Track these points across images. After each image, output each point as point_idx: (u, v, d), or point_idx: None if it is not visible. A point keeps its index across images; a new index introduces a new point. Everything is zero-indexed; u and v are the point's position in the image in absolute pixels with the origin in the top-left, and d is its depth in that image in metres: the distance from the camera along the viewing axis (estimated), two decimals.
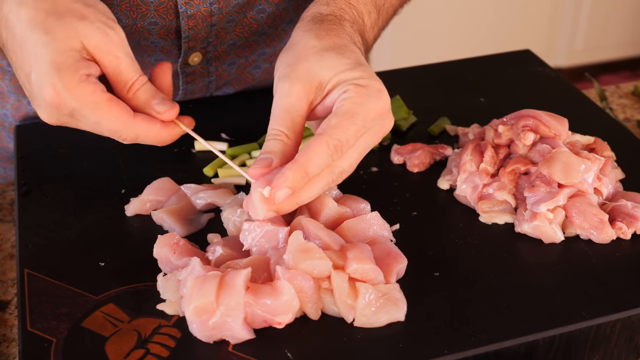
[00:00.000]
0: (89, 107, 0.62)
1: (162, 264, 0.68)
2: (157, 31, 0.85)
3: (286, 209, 0.64)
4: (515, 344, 0.62)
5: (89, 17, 0.63)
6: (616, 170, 0.79)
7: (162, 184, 0.77)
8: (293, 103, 0.64)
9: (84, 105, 0.62)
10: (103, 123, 0.63)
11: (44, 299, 0.66)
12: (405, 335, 0.62)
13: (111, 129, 0.64)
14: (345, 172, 0.64)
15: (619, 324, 0.65)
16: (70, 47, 0.62)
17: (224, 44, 0.91)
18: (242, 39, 0.92)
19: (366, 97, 0.63)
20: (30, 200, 0.78)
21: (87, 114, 0.63)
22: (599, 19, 2.98)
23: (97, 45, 0.63)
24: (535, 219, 0.71)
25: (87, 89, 0.62)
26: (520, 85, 0.99)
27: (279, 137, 0.64)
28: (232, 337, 0.61)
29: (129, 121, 0.64)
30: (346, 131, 0.62)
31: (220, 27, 0.88)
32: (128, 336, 0.62)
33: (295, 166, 0.61)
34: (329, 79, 0.65)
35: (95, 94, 0.62)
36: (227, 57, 0.94)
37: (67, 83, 0.61)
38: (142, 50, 0.88)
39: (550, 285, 0.67)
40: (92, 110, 0.63)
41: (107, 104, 0.63)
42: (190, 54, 0.89)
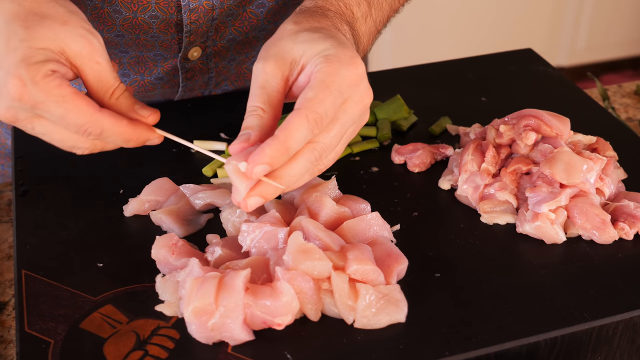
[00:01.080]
0: (54, 99, 0.62)
1: (160, 265, 0.68)
2: (158, 25, 0.85)
3: (269, 192, 0.63)
4: (516, 346, 0.62)
5: (71, 23, 0.64)
6: (618, 170, 0.79)
7: (161, 184, 0.77)
8: (267, 79, 0.64)
9: (49, 98, 0.62)
10: (68, 116, 0.63)
11: (41, 300, 0.66)
12: (406, 337, 0.62)
13: (77, 123, 0.63)
14: (327, 147, 0.63)
15: (621, 326, 0.65)
16: (45, 46, 0.62)
17: (223, 38, 0.91)
18: (242, 34, 0.92)
19: (337, 65, 0.63)
20: (27, 200, 0.78)
21: (51, 108, 0.62)
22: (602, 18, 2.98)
23: (79, 51, 0.64)
24: (537, 220, 0.71)
25: (54, 82, 0.62)
26: (522, 84, 0.99)
27: (255, 112, 0.63)
28: (231, 338, 0.61)
29: (95, 114, 0.63)
30: (323, 102, 0.61)
31: (220, 22, 0.89)
32: (126, 337, 0.62)
33: (274, 142, 0.60)
34: (302, 54, 0.64)
35: (62, 88, 0.62)
36: (226, 53, 0.94)
37: (34, 76, 0.61)
38: (142, 45, 0.88)
39: (552, 286, 0.67)
40: (57, 103, 0.62)
41: (72, 96, 0.63)
42: (190, 49, 0.90)
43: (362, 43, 0.76)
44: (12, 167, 0.83)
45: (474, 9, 2.82)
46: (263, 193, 0.63)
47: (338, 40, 0.65)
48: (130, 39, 0.87)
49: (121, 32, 0.85)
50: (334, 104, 0.62)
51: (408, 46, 2.77)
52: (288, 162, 0.62)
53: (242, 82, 0.99)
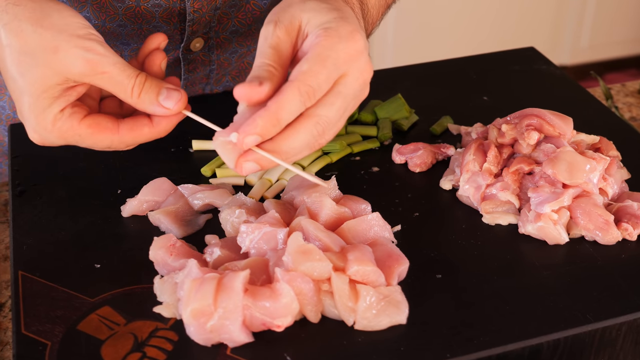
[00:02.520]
0: (73, 139, 0.66)
1: (158, 266, 0.68)
2: (161, 14, 0.85)
3: (265, 161, 0.62)
4: (518, 348, 0.62)
5: (61, 47, 0.63)
6: (622, 170, 0.79)
7: (159, 185, 0.77)
8: (278, 42, 0.64)
9: (68, 139, 0.66)
10: (93, 145, 0.67)
11: (38, 302, 0.66)
12: (407, 339, 0.62)
13: (102, 146, 0.68)
14: (330, 121, 0.63)
15: (624, 327, 0.65)
16: (45, 87, 0.63)
17: (226, 30, 0.92)
18: (245, 26, 0.93)
19: (336, 39, 0.62)
20: (24, 200, 0.78)
21: (75, 143, 0.67)
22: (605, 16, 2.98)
23: (80, 72, 0.64)
24: (539, 220, 0.71)
25: (64, 126, 0.65)
26: (524, 83, 0.99)
27: (266, 67, 0.63)
28: (230, 340, 0.61)
29: (114, 137, 0.67)
30: (317, 76, 0.61)
31: (223, 12, 0.89)
32: (124, 339, 0.62)
33: (265, 113, 0.60)
34: (307, 22, 0.64)
35: (73, 128, 0.65)
36: (228, 45, 0.94)
37: (45, 126, 0.65)
38: (144, 35, 0.88)
39: (554, 287, 0.67)
40: (77, 140, 0.66)
41: (88, 130, 0.66)
42: (193, 39, 0.90)
43: (370, 16, 0.75)
44: (8, 167, 0.83)
45: (475, 7, 2.82)
46: (259, 160, 0.62)
47: (342, 13, 0.65)
48: (133, 29, 0.87)
49: (124, 21, 0.85)
50: (329, 78, 0.62)
51: (409, 45, 2.77)
52: (290, 135, 0.62)
53: (242, 78, 0.99)
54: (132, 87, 0.65)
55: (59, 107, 0.64)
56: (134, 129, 0.67)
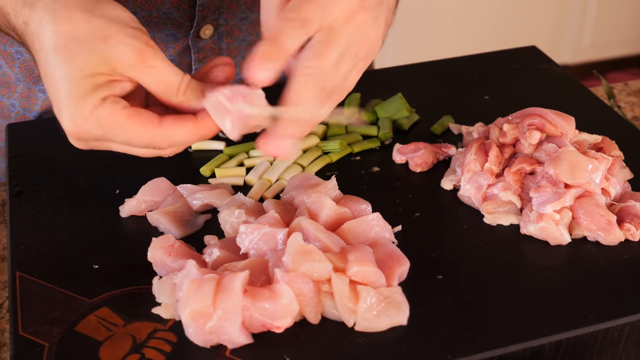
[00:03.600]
0: (111, 129, 0.62)
1: (157, 267, 0.68)
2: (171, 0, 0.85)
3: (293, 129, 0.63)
4: (520, 349, 0.62)
5: (113, 35, 0.61)
6: (624, 170, 0.79)
7: (158, 185, 0.77)
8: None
9: (106, 129, 0.62)
10: (132, 140, 0.63)
11: (36, 303, 0.66)
12: (408, 340, 0.62)
13: (141, 143, 0.63)
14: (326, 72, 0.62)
15: (627, 328, 0.65)
16: (91, 73, 0.61)
17: (235, 17, 0.92)
18: (254, 12, 0.93)
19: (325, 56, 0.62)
20: (22, 201, 0.78)
21: (112, 136, 0.62)
22: (607, 15, 2.98)
23: (130, 63, 0.62)
24: (541, 220, 0.71)
25: (104, 112, 0.61)
26: (525, 82, 0.99)
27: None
28: (229, 341, 0.61)
29: (156, 130, 0.62)
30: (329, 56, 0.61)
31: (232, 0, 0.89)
32: (123, 341, 0.62)
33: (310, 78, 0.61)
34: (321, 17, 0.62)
35: (114, 115, 0.61)
36: (238, 32, 0.95)
37: (83, 113, 0.61)
38: (153, 24, 0.88)
39: (556, 288, 0.67)
40: (115, 131, 0.62)
41: (128, 121, 0.62)
42: (202, 26, 0.90)
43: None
44: (6, 167, 0.83)
45: (477, 5, 2.82)
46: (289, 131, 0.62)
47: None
48: (143, 16, 0.87)
49: (134, 8, 0.85)
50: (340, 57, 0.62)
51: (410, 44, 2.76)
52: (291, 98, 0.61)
53: None
54: (179, 85, 0.63)
55: (101, 94, 0.61)
56: (177, 123, 0.63)
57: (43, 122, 0.91)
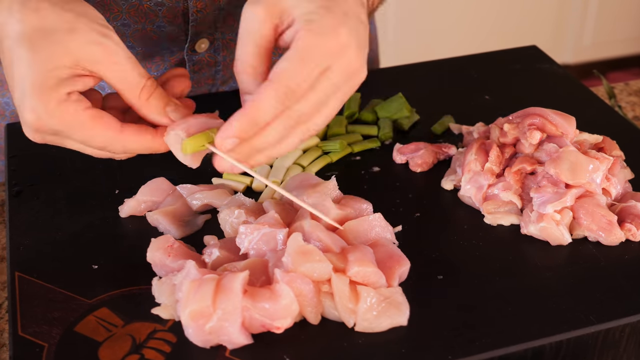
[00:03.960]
0: (71, 127, 0.62)
1: (156, 268, 0.68)
2: (164, 13, 0.85)
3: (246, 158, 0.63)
4: (521, 349, 0.62)
5: (80, 29, 0.62)
6: (625, 170, 0.79)
7: (157, 185, 0.77)
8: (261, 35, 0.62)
9: (66, 126, 0.62)
10: (89, 141, 0.63)
11: (35, 303, 0.66)
12: (408, 340, 0.62)
13: (98, 145, 0.64)
14: (305, 115, 0.61)
15: (628, 329, 0.65)
16: (57, 64, 0.61)
17: (232, 31, 0.91)
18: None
19: (317, 38, 0.60)
20: (21, 201, 0.78)
21: (71, 134, 0.63)
22: (608, 14, 2.98)
23: (93, 59, 0.62)
24: (541, 221, 0.71)
25: (69, 109, 0.61)
26: (526, 82, 0.99)
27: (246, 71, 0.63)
28: (229, 342, 0.61)
29: (116, 136, 0.63)
30: (296, 76, 0.60)
31: (228, 12, 0.88)
32: (122, 341, 0.62)
33: (241, 115, 0.60)
34: (293, 6, 0.62)
35: (78, 114, 0.62)
36: (235, 46, 0.94)
37: (47, 105, 0.61)
38: (148, 38, 0.88)
39: (557, 288, 0.67)
40: (75, 129, 0.62)
41: (91, 121, 0.62)
42: (197, 40, 0.89)
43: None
44: (5, 167, 0.83)
45: (477, 5, 2.82)
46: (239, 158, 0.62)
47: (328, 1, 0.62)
48: (137, 29, 0.86)
49: (127, 20, 0.85)
50: (309, 77, 0.60)
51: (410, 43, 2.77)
52: (261, 131, 0.61)
53: None
54: (142, 88, 0.64)
55: (66, 90, 0.61)
56: (137, 134, 0.64)
57: None
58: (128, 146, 0.64)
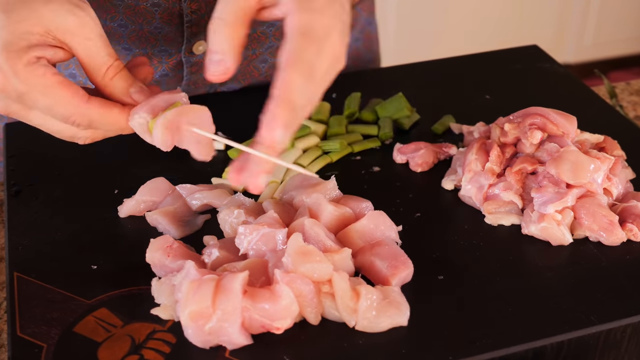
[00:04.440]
0: (38, 90, 0.61)
1: (155, 268, 0.68)
2: (160, 14, 0.85)
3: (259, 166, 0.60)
4: (522, 350, 0.62)
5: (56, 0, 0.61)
6: (627, 170, 0.79)
7: (157, 184, 0.77)
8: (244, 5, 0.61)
9: (33, 89, 0.61)
10: (54, 108, 0.62)
11: (34, 303, 0.66)
12: (408, 341, 0.62)
13: (63, 114, 0.62)
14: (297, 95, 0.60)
15: (629, 329, 0.65)
16: (27, 30, 0.60)
17: None
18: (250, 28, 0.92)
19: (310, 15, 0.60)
20: (20, 200, 0.78)
21: (37, 98, 0.61)
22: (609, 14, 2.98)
23: (66, 29, 0.61)
24: (542, 221, 0.71)
25: (37, 72, 0.60)
26: (527, 81, 0.99)
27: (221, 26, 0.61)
28: (228, 342, 0.61)
29: (81, 105, 0.62)
30: (308, 51, 0.59)
31: None
32: (121, 341, 0.62)
33: (281, 101, 0.58)
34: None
35: (45, 77, 0.61)
36: None
37: (14, 65, 0.60)
38: (145, 39, 0.87)
39: (558, 288, 0.67)
40: (41, 93, 0.61)
41: (57, 86, 0.61)
42: (195, 42, 0.89)
43: None
44: (3, 167, 0.83)
45: (478, 5, 2.82)
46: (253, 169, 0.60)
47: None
48: (134, 30, 0.86)
49: (124, 20, 0.85)
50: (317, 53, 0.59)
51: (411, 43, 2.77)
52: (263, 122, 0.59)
53: (248, 80, 0.99)
54: (109, 67, 0.63)
55: (36, 53, 0.60)
56: (104, 106, 0.63)
57: None
58: (94, 118, 0.63)
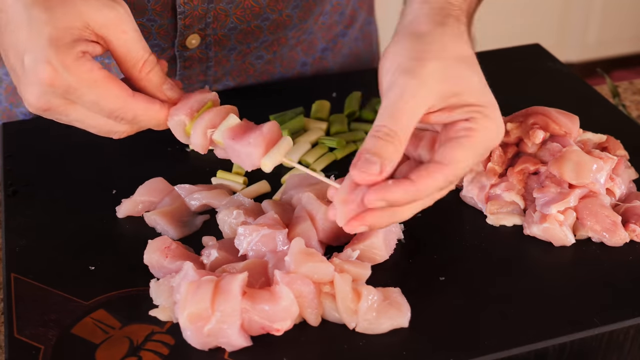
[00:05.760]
0: (86, 84, 0.62)
1: (153, 270, 0.68)
2: (153, 6, 0.85)
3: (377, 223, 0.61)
4: (524, 351, 0.62)
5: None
6: (629, 170, 0.79)
7: (155, 185, 0.77)
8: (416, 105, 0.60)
9: (81, 83, 0.62)
10: (101, 102, 0.63)
11: (31, 305, 0.66)
12: (409, 343, 0.62)
13: (110, 108, 0.63)
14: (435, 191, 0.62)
15: (632, 331, 0.65)
16: (69, 25, 0.62)
17: (224, 27, 0.91)
18: (244, 22, 0.92)
19: (489, 132, 0.62)
20: (17, 201, 0.78)
21: (84, 93, 0.62)
22: (613, 12, 2.98)
23: (104, 22, 0.63)
24: (545, 221, 0.71)
25: (85, 66, 0.62)
26: (529, 81, 0.99)
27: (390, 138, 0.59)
28: (228, 344, 0.61)
29: (128, 99, 0.64)
30: (467, 165, 0.61)
31: (220, 9, 0.88)
32: (119, 343, 0.62)
33: (410, 187, 0.59)
34: (458, 93, 0.62)
35: (93, 72, 0.62)
36: (227, 42, 0.94)
37: (64, 60, 0.61)
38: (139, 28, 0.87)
39: (560, 290, 0.67)
40: (89, 88, 0.62)
41: (105, 81, 0.62)
42: (188, 35, 0.89)
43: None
44: (0, 167, 0.83)
45: None
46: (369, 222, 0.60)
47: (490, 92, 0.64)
48: None
49: None
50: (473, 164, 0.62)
51: None
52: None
53: (243, 77, 0.99)
54: (145, 61, 0.65)
55: (81, 48, 0.62)
56: (147, 101, 0.65)
57: (38, 120, 0.91)
58: (138, 113, 0.64)
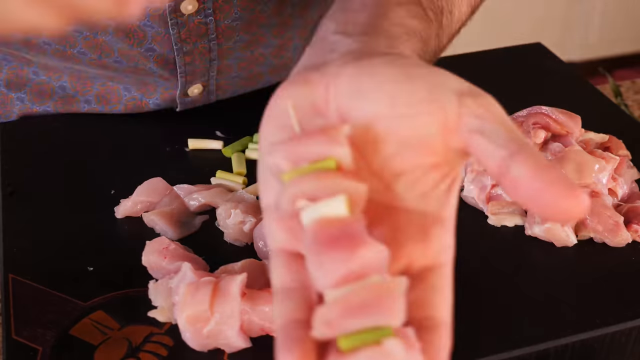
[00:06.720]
0: None
1: (152, 271, 0.68)
2: (155, 59, 0.84)
3: None
4: (525, 353, 0.62)
5: None
6: (632, 170, 0.79)
7: (154, 185, 0.77)
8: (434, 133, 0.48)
9: None
10: None
11: (29, 306, 0.66)
12: None
13: None
14: None
15: (634, 332, 0.65)
16: None
17: (228, 76, 0.91)
18: (247, 70, 0.92)
19: None
20: (14, 201, 0.78)
21: None
22: (614, 11, 2.98)
23: None
24: (546, 221, 0.71)
25: None
26: (530, 80, 0.99)
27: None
28: (227, 346, 0.61)
29: None
30: None
31: (225, 64, 0.88)
32: (118, 345, 0.62)
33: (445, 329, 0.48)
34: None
35: None
36: (229, 87, 0.93)
37: None
38: (142, 72, 0.87)
39: (562, 290, 0.67)
40: None
41: None
42: (190, 87, 0.89)
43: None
44: None
45: None
46: None
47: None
48: (129, 66, 0.86)
49: (120, 58, 0.84)
50: None
51: None
52: None
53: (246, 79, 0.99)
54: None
55: None
56: None
57: (36, 120, 0.91)
58: None
